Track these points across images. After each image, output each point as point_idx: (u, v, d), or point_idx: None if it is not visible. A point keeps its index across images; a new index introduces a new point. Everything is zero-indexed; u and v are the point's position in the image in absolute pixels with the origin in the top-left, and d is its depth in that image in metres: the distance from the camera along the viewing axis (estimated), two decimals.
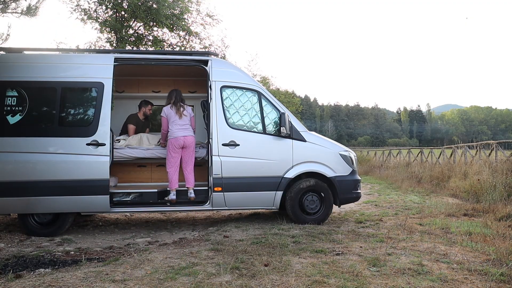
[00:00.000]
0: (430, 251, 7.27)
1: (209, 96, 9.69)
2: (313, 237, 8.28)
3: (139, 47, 19.64)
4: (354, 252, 7.18)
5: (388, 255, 6.91)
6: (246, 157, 9.54)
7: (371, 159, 40.36)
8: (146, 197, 9.82)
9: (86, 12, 18.75)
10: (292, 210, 9.75)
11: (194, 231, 9.79)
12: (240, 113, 9.76)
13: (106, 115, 9.18)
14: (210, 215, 11.92)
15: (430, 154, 28.20)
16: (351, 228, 9.39)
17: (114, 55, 9.66)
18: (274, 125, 9.82)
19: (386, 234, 8.57)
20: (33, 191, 8.79)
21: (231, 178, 9.45)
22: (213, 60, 9.90)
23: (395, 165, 28.78)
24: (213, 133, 9.52)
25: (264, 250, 7.25)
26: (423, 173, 21.60)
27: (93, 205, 9.08)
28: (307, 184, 9.81)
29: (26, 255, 7.40)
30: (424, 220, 10.26)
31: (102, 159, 9.02)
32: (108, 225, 10.67)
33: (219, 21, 22.84)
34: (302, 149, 9.79)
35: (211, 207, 9.53)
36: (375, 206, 13.52)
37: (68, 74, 9.24)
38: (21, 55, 9.42)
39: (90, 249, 8.02)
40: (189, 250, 7.42)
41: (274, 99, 10.07)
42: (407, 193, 16.85)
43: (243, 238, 8.35)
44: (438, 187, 18.00)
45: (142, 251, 7.49)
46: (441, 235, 8.69)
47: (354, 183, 10.12)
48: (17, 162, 8.78)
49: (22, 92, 8.99)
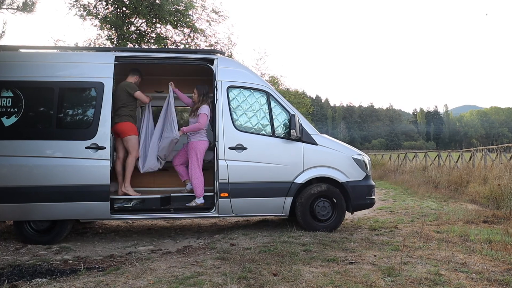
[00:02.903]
0: (448, 260, 7.23)
1: (215, 97, 9.69)
2: (325, 245, 8.25)
3: (141, 45, 19.70)
4: (367, 261, 7.15)
5: (404, 264, 6.88)
6: (254, 161, 9.52)
7: (386, 163, 40.26)
8: (149, 203, 9.81)
9: (85, 8, 18.85)
10: (303, 216, 9.72)
11: (199, 239, 9.80)
12: (248, 115, 9.75)
13: (106, 117, 9.17)
14: (216, 222, 11.91)
15: (448, 157, 28.13)
16: (364, 236, 9.36)
17: (114, 53, 9.67)
18: (284, 127, 9.81)
19: (401, 242, 8.53)
20: (30, 197, 8.78)
21: (238, 183, 9.43)
22: (219, 58, 9.90)
23: (411, 170, 28.69)
24: (219, 136, 9.49)
25: (273, 259, 7.24)
26: (440, 178, 21.53)
27: (92, 211, 9.07)
28: (319, 189, 9.78)
29: (22, 264, 7.43)
30: (442, 228, 10.22)
31: (102, 163, 9.01)
32: (108, 232, 10.69)
33: (225, 17, 22.95)
34: (313, 152, 9.77)
35: (217, 214, 9.51)
36: (390, 212, 13.48)
37: (66, 73, 9.25)
38: (17, 53, 9.44)
39: (90, 258, 8.04)
40: (194, 259, 7.42)
41: (284, 100, 10.06)
42: (423, 199, 16.79)
43: (250, 246, 8.33)
44: (457, 193, 17.92)
45: (144, 260, 7.49)
46: (459, 243, 8.64)
47: (367, 189, 10.09)
48: (12, 166, 8.78)
49: (17, 92, 9.00)
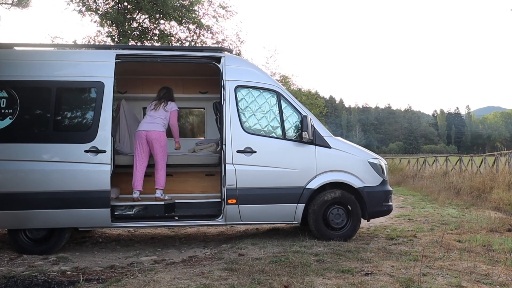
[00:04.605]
0: (470, 271, 7.20)
1: (222, 97, 9.67)
2: (339, 255, 8.23)
3: (143, 42, 19.74)
4: (384, 272, 7.12)
5: (423, 276, 6.84)
6: (263, 166, 9.50)
7: (404, 167, 40.18)
8: (152, 210, 9.79)
9: (84, 3, 18.91)
10: (316, 225, 9.69)
11: (205, 248, 9.80)
12: (257, 116, 9.74)
13: (107, 119, 9.18)
14: (223, 231, 11.91)
15: (470, 162, 27.97)
16: (381, 245, 9.33)
17: (115, 51, 9.70)
18: (295, 129, 9.79)
19: (420, 252, 8.49)
20: (25, 204, 8.78)
21: (247, 189, 9.41)
22: (226, 57, 9.89)
23: (431, 175, 28.64)
24: (227, 139, 9.48)
25: (284, 269, 7.22)
26: (462, 184, 21.47)
27: (92, 219, 9.08)
28: (332, 195, 9.75)
29: (17, 275, 7.43)
30: (464, 237, 10.18)
31: (102, 167, 9.01)
32: (109, 241, 10.71)
33: (233, 13, 22.98)
34: (327, 156, 9.74)
35: (224, 222, 9.50)
36: (408, 220, 13.44)
37: (64, 72, 9.27)
38: (12, 51, 9.48)
39: (89, 269, 8.03)
40: (199, 270, 7.40)
41: (295, 100, 10.05)
42: (444, 206, 16.72)
43: (260, 256, 8.31)
44: (479, 199, 17.85)
45: (147, 271, 7.47)
46: (482, 253, 8.62)
47: (384, 195, 10.06)
48: (7, 171, 8.81)
49: (12, 92, 9.01)
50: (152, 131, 10.09)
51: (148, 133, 10.06)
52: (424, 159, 38.04)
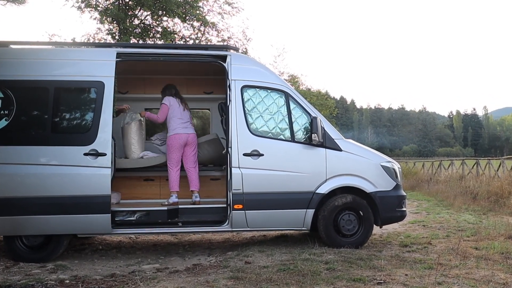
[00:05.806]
0: (488, 279, 7.20)
1: (228, 98, 9.66)
2: (350, 263, 8.22)
3: (145, 40, 19.76)
4: (398, 281, 7.11)
5: (438, 285, 6.85)
6: (271, 169, 9.49)
7: (418, 171, 40.06)
8: (154, 216, 9.79)
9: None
10: (326, 231, 9.68)
11: (210, 256, 9.79)
12: (265, 118, 9.72)
13: (107, 120, 9.16)
14: (229, 237, 11.91)
15: (488, 165, 27.93)
16: (394, 253, 9.32)
17: (116, 49, 9.71)
18: (304, 131, 9.78)
19: (435, 259, 8.46)
20: (21, 209, 8.78)
21: (254, 193, 9.40)
22: (232, 55, 9.87)
23: (447, 179, 28.56)
24: (233, 141, 9.47)
25: (293, 278, 7.22)
26: (479, 188, 21.40)
27: (91, 225, 9.08)
28: (343, 201, 9.73)
29: (13, 284, 7.44)
30: (481, 244, 10.15)
31: (102, 171, 9.00)
32: (109, 249, 10.72)
33: (240, 9, 23.00)
34: (337, 159, 9.72)
35: (230, 228, 9.50)
36: (423, 226, 13.42)
37: (62, 72, 9.26)
38: (7, 49, 9.49)
39: (88, 277, 8.03)
40: (204, 279, 7.41)
41: (304, 101, 10.04)
42: (460, 212, 16.69)
43: (267, 264, 8.30)
44: (497, 205, 17.79)
45: (149, 280, 7.49)
46: (500, 261, 8.60)
47: (398, 200, 10.04)
48: (2, 175, 8.80)
49: (8, 93, 9.01)
50: (192, 134, 10.39)
51: (190, 136, 10.32)
52: (440, 163, 37.97)
